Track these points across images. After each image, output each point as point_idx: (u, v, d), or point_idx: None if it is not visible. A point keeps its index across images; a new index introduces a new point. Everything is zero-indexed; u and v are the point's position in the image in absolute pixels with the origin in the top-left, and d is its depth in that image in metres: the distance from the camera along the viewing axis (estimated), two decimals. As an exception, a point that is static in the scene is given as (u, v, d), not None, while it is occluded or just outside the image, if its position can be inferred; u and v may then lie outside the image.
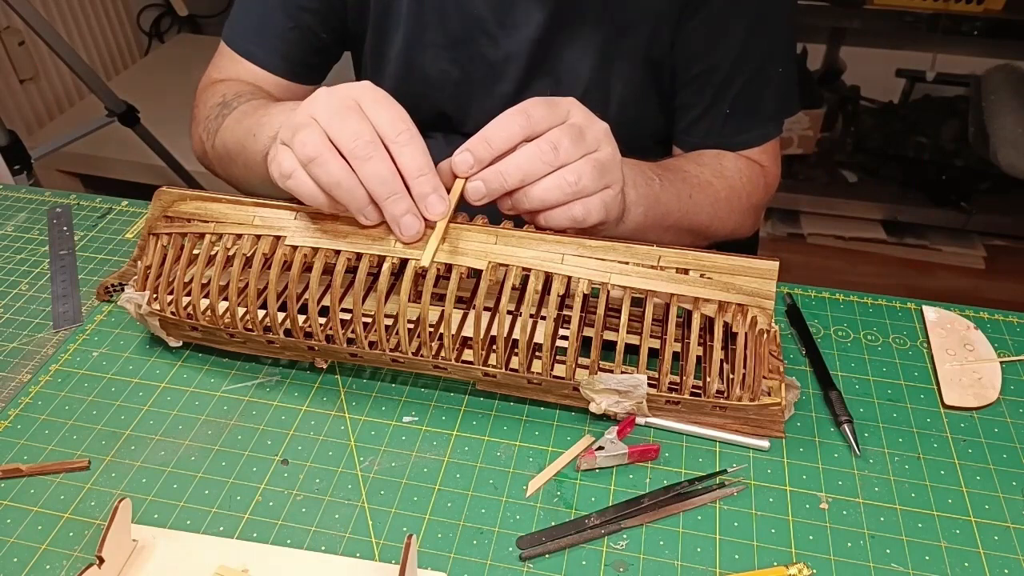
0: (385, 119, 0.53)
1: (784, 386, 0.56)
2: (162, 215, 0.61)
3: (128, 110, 1.64)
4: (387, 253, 0.55)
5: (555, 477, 0.54)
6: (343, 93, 0.54)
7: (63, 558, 0.50)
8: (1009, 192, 1.98)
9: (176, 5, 2.30)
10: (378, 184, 0.52)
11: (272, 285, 0.56)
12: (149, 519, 0.52)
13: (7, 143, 1.45)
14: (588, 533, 0.51)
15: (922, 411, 0.59)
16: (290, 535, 0.51)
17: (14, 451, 0.56)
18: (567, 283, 0.55)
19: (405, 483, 0.54)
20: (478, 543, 0.50)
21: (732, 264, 0.55)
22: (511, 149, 0.54)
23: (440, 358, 0.57)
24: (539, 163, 0.54)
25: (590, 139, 0.55)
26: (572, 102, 0.57)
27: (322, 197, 0.53)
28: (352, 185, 0.52)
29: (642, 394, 0.54)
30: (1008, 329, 0.66)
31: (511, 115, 0.54)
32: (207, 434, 0.57)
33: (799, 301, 0.69)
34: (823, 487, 0.54)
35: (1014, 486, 0.54)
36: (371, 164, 0.51)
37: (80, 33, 2.09)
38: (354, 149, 0.51)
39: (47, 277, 0.72)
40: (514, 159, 0.54)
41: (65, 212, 0.80)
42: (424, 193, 0.53)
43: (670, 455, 0.56)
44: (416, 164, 0.53)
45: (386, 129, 0.52)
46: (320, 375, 0.62)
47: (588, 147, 0.55)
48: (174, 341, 0.63)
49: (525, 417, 0.59)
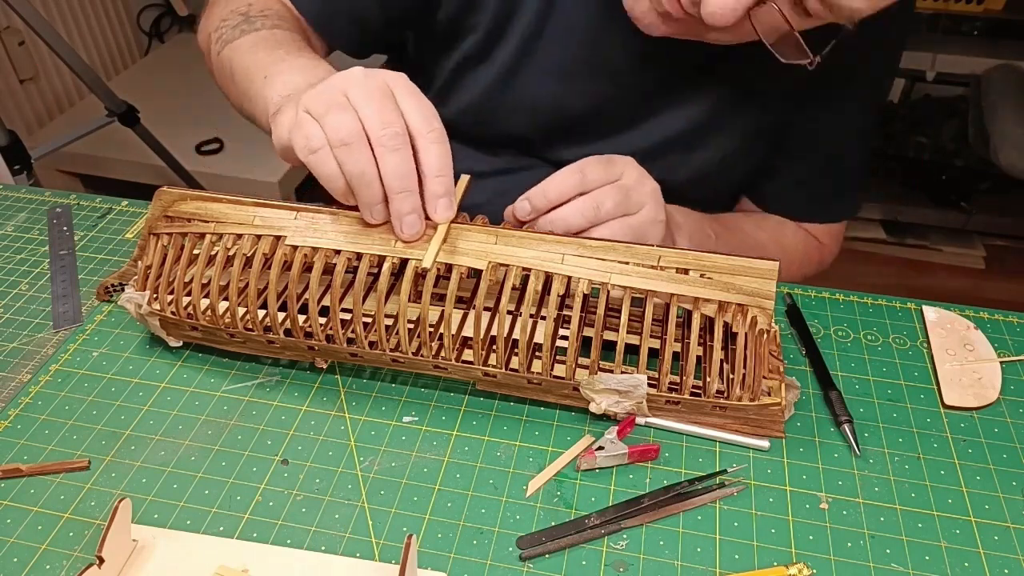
0: (417, 114, 0.53)
1: (784, 386, 0.56)
2: (162, 215, 0.61)
3: (128, 110, 1.64)
4: (387, 253, 0.55)
5: (555, 477, 0.54)
6: (380, 78, 0.54)
7: (63, 558, 0.50)
8: (1009, 192, 1.98)
9: (176, 5, 2.31)
10: (395, 177, 0.52)
11: (272, 285, 0.56)
12: (149, 519, 0.52)
13: (7, 143, 1.45)
14: (588, 533, 0.51)
15: (922, 411, 0.59)
16: (290, 535, 0.51)
17: (14, 451, 0.56)
18: (567, 283, 0.55)
19: (405, 483, 0.54)
20: (478, 543, 0.50)
21: (732, 264, 0.55)
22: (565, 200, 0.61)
23: (440, 358, 0.57)
24: (580, 218, 0.60)
25: (633, 200, 0.61)
26: (628, 163, 0.63)
27: (341, 182, 0.53)
28: (373, 179, 0.52)
29: (642, 394, 0.54)
30: (1008, 329, 0.66)
31: (569, 173, 0.60)
32: (207, 434, 0.57)
33: (799, 301, 0.69)
34: (823, 487, 0.54)
35: (1014, 486, 0.54)
36: (395, 156, 0.52)
37: (80, 33, 2.09)
38: (382, 138, 0.51)
39: (47, 277, 0.72)
40: (560, 213, 0.60)
41: (65, 212, 0.80)
42: (438, 194, 0.54)
43: (670, 455, 0.56)
44: (440, 164, 0.53)
45: (418, 124, 0.53)
46: (320, 375, 0.62)
47: (629, 208, 0.61)
48: (174, 341, 0.63)
49: (525, 417, 0.59)
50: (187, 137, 1.91)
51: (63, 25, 2.02)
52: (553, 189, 0.61)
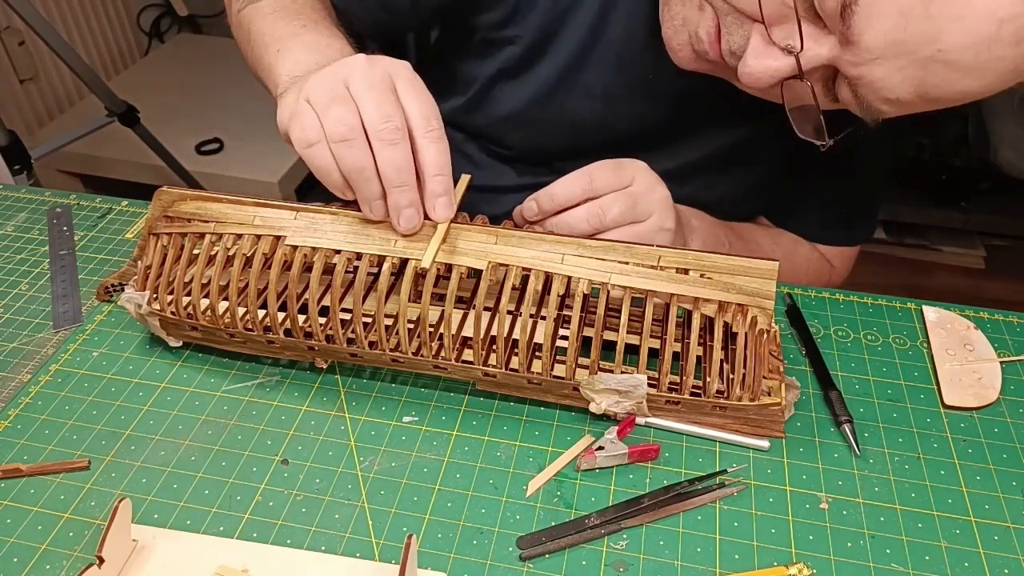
0: (418, 109, 0.53)
1: (784, 386, 0.56)
2: (162, 215, 0.61)
3: (128, 110, 1.64)
4: (387, 253, 0.55)
5: (555, 477, 0.54)
6: (382, 68, 0.53)
7: (63, 558, 0.50)
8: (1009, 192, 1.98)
9: (176, 5, 2.30)
10: (392, 171, 0.52)
11: (272, 285, 0.56)
12: (149, 519, 0.52)
13: (7, 143, 1.45)
14: (588, 533, 0.51)
15: (922, 411, 0.59)
16: (290, 535, 0.51)
17: (14, 451, 0.56)
18: (567, 283, 0.55)
19: (405, 483, 0.54)
20: (478, 543, 0.50)
21: (732, 264, 0.55)
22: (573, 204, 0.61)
23: (440, 358, 0.57)
24: (585, 224, 0.60)
25: (641, 208, 0.61)
26: (638, 168, 0.63)
27: (338, 176, 0.53)
28: (372, 174, 0.52)
29: (642, 394, 0.54)
30: (1008, 329, 0.66)
31: (577, 177, 0.61)
32: (207, 434, 0.57)
33: (799, 301, 0.69)
34: (823, 487, 0.54)
35: (1014, 486, 0.54)
36: (391, 150, 0.52)
37: (80, 33, 2.09)
38: (381, 132, 0.51)
39: (47, 277, 0.72)
40: (565, 218, 0.61)
41: (65, 212, 0.80)
42: (436, 193, 0.54)
43: (670, 455, 0.56)
44: (439, 162, 0.53)
45: (418, 120, 0.53)
46: (320, 375, 0.62)
47: (636, 216, 0.61)
48: (174, 341, 0.63)
49: (525, 417, 0.59)
50: (187, 137, 1.91)
51: (63, 25, 2.02)
52: (561, 192, 0.61)
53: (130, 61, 2.31)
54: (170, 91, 2.10)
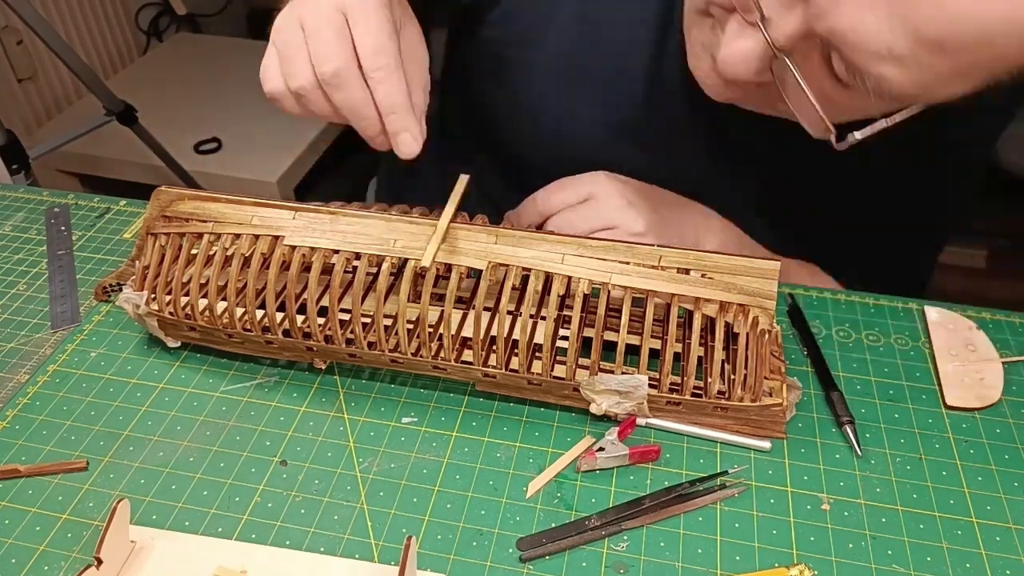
0: (369, 46, 0.52)
1: (785, 387, 0.56)
2: (160, 215, 0.61)
3: (126, 109, 1.64)
4: (386, 253, 0.55)
5: (555, 478, 0.54)
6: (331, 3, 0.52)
7: (61, 559, 0.49)
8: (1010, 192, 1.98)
9: (175, 4, 2.30)
10: (348, 113, 0.53)
11: (271, 285, 0.56)
12: (147, 520, 0.52)
13: (5, 143, 1.45)
14: (588, 534, 0.50)
15: (924, 412, 0.59)
16: (289, 536, 0.51)
17: (12, 452, 0.56)
18: (567, 283, 0.54)
19: (404, 484, 0.54)
20: (478, 544, 0.50)
21: (733, 264, 0.54)
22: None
23: (440, 358, 0.57)
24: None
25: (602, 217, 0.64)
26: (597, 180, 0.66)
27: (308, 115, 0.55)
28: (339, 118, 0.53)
29: (643, 395, 0.54)
30: (1010, 329, 0.66)
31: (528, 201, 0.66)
32: (205, 435, 0.57)
33: (800, 301, 0.68)
34: (824, 488, 0.54)
35: (1016, 487, 0.54)
36: (339, 94, 0.52)
37: (78, 32, 2.09)
38: (325, 76, 0.51)
39: (45, 277, 0.71)
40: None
41: (63, 212, 0.79)
42: (393, 131, 0.54)
43: (671, 456, 0.56)
44: (388, 102, 0.53)
45: (365, 59, 0.52)
46: (319, 376, 0.62)
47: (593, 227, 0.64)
48: (172, 341, 0.63)
49: (525, 418, 0.58)
50: (185, 136, 1.91)
51: (61, 24, 2.01)
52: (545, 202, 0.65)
53: (128, 60, 2.31)
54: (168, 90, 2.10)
